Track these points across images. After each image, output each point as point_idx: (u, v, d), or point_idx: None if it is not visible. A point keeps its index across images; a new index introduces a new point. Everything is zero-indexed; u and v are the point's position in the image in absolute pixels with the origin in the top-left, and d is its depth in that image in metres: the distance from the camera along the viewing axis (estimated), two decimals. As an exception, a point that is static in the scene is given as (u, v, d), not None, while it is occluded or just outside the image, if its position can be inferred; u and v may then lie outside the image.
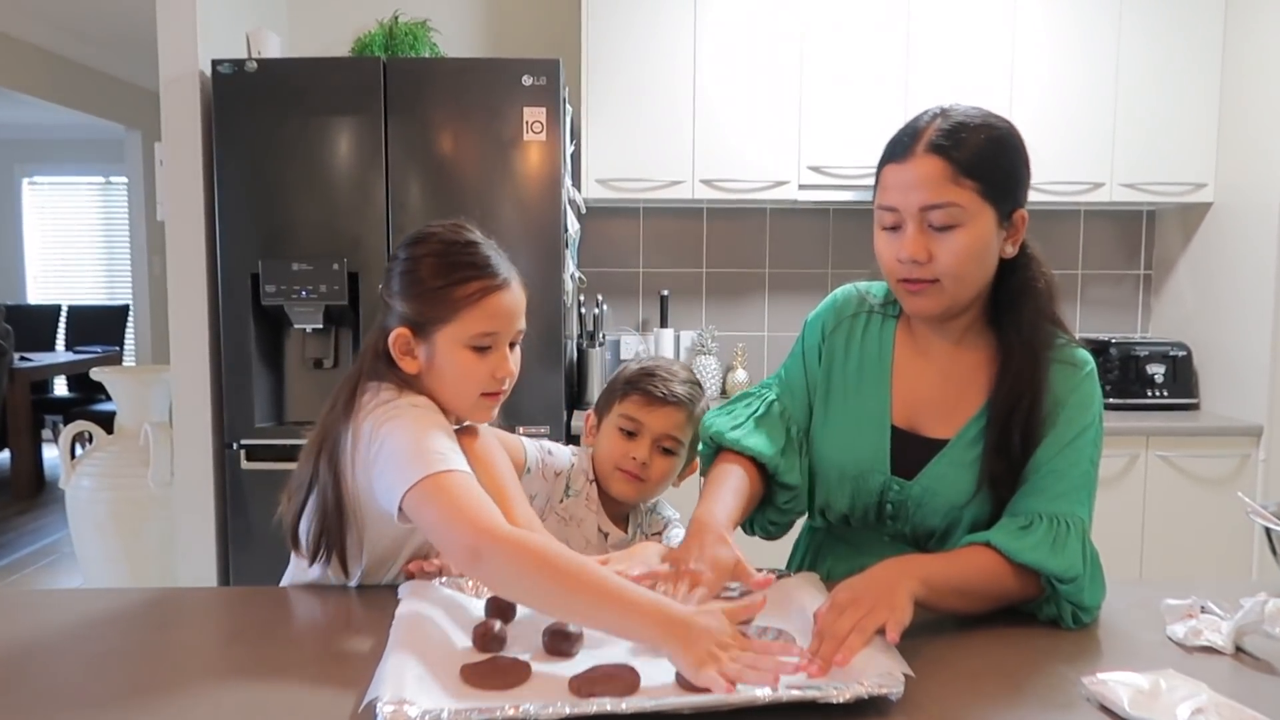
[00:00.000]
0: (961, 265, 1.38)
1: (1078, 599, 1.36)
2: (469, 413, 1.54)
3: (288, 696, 1.13)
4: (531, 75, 3.02)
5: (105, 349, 7.51)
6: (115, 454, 4.06)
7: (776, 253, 3.96)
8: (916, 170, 1.36)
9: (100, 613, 1.44)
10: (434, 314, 1.46)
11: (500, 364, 1.49)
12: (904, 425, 1.53)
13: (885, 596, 1.20)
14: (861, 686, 1.03)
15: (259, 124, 3.04)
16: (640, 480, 1.72)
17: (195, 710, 1.09)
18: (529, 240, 3.06)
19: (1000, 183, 1.38)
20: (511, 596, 1.26)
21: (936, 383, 1.52)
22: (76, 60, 6.55)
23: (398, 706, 0.99)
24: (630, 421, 1.73)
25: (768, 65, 3.48)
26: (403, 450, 1.35)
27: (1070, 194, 3.56)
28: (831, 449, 1.58)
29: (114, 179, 8.79)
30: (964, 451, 1.47)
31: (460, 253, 1.48)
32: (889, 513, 1.55)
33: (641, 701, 1.02)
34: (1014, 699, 1.13)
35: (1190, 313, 3.78)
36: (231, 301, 3.09)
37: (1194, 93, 3.55)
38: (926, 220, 1.37)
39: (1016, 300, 1.46)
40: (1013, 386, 1.43)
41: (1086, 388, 1.46)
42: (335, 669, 1.18)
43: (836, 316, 1.62)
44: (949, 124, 1.38)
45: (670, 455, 1.74)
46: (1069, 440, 1.42)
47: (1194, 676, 1.10)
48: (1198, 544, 3.38)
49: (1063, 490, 1.40)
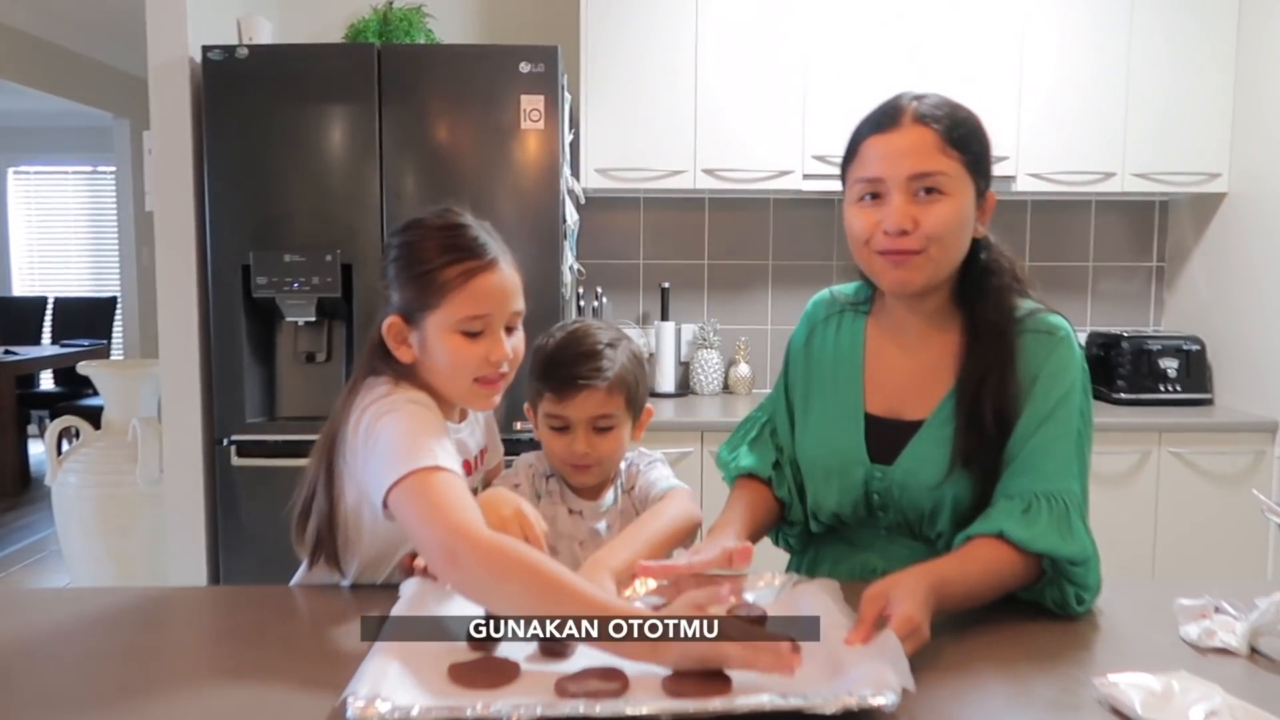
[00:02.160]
0: (949, 231, 1.42)
1: (1084, 580, 1.37)
2: (466, 401, 1.54)
3: (278, 698, 1.13)
4: (529, 62, 3.01)
5: (92, 342, 7.51)
6: (103, 450, 4.06)
7: (780, 244, 3.95)
8: (906, 138, 1.42)
9: (87, 612, 1.44)
10: (422, 300, 1.46)
11: (494, 347, 1.47)
12: (881, 412, 1.58)
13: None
14: (851, 698, 1.01)
15: (250, 112, 3.04)
16: (590, 466, 1.69)
17: (183, 713, 1.09)
18: (527, 231, 3.05)
19: (980, 158, 1.45)
20: (487, 603, 1.22)
21: (909, 366, 1.57)
22: (63, 46, 6.54)
23: (369, 702, 1.00)
24: (554, 418, 1.68)
25: (771, 51, 3.47)
26: (393, 445, 1.35)
27: (1081, 184, 3.56)
28: (811, 447, 1.64)
29: (101, 168, 8.77)
30: (939, 429, 1.50)
31: (445, 236, 1.48)
32: (877, 503, 1.57)
33: (617, 705, 1.02)
34: (1022, 701, 1.13)
35: (1204, 306, 3.78)
36: (222, 294, 3.08)
37: (1208, 80, 3.54)
38: (912, 189, 1.41)
39: (982, 277, 1.51)
40: (979, 360, 1.47)
41: (1061, 353, 1.47)
42: (328, 669, 1.18)
43: (809, 326, 1.72)
44: (931, 100, 1.46)
45: (609, 431, 1.68)
46: (1049, 411, 1.44)
47: (1207, 678, 1.10)
48: (1211, 543, 3.37)
49: (1053, 467, 1.42)
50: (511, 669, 1.15)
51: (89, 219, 9.02)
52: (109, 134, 7.74)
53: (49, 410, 6.88)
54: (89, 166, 8.93)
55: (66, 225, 9.05)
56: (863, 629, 1.17)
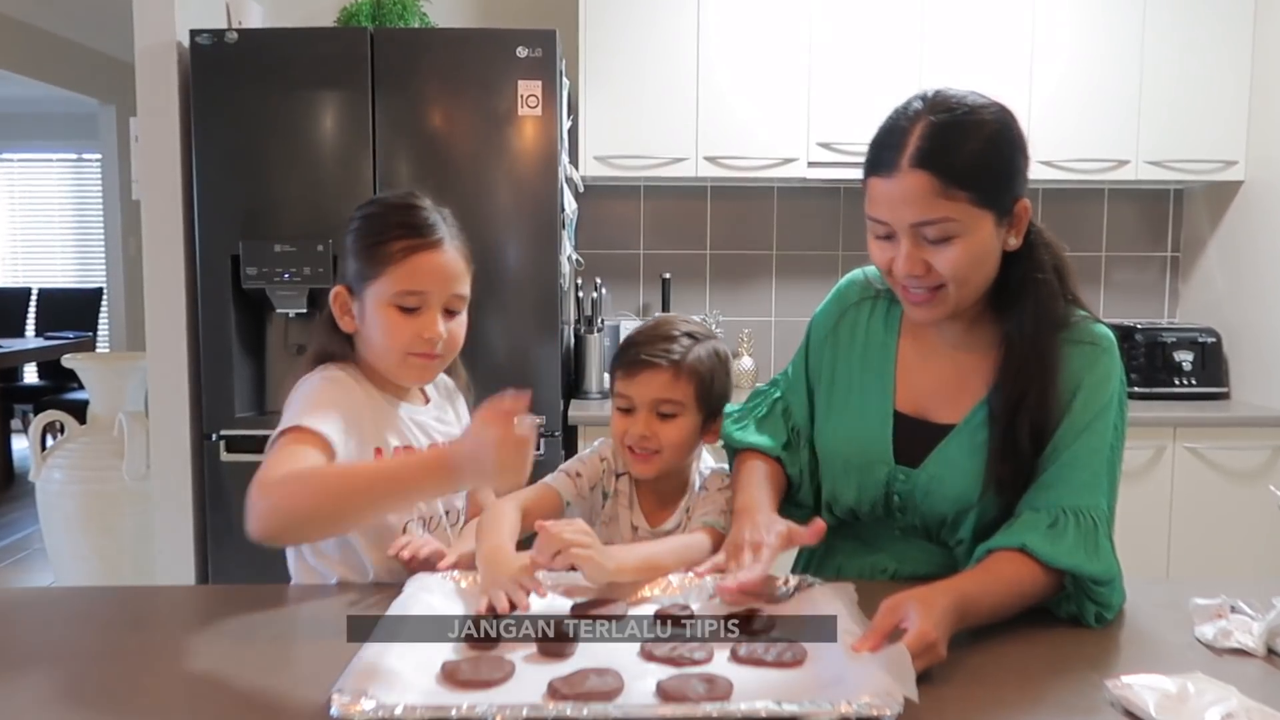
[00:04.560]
0: (961, 273, 1.39)
1: (1107, 600, 1.37)
2: (397, 374, 1.62)
3: (267, 699, 1.13)
4: (526, 47, 3.01)
5: (78, 335, 7.50)
6: (88, 445, 4.06)
7: (784, 234, 3.95)
8: (902, 186, 1.35)
9: (72, 612, 1.45)
10: (365, 270, 1.56)
11: (427, 325, 1.55)
12: (910, 411, 1.56)
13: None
14: (849, 707, 1.00)
15: (239, 98, 3.03)
16: (651, 454, 1.69)
17: (170, 715, 1.09)
18: (524, 220, 3.05)
19: (995, 185, 1.37)
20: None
21: (944, 367, 1.55)
22: (47, 30, 6.53)
23: (354, 699, 1.00)
24: (621, 398, 1.71)
25: (775, 35, 3.46)
26: (286, 413, 1.50)
27: (1093, 172, 3.55)
28: (835, 439, 1.62)
29: (87, 155, 8.77)
30: (971, 436, 1.49)
31: (398, 213, 1.58)
32: (897, 504, 1.56)
33: (604, 708, 1.02)
34: (1034, 704, 1.13)
35: (1220, 297, 3.77)
36: (211, 285, 3.08)
37: (1224, 64, 3.53)
38: (920, 234, 1.37)
39: (1019, 295, 1.46)
40: (1015, 384, 1.43)
41: (1104, 365, 1.46)
42: (318, 669, 1.17)
43: (840, 307, 1.67)
44: (934, 127, 1.35)
45: (672, 419, 1.68)
46: (1086, 424, 1.43)
47: (1223, 680, 1.10)
48: (1227, 540, 3.38)
49: (1084, 480, 1.41)
50: (506, 668, 1.16)
51: (74, 208, 9.02)
52: (94, 121, 7.73)
53: (33, 404, 6.86)
54: (74, 154, 8.93)
55: (51, 214, 9.06)
56: (873, 638, 1.15)
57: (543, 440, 3.05)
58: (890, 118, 1.42)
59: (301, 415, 1.46)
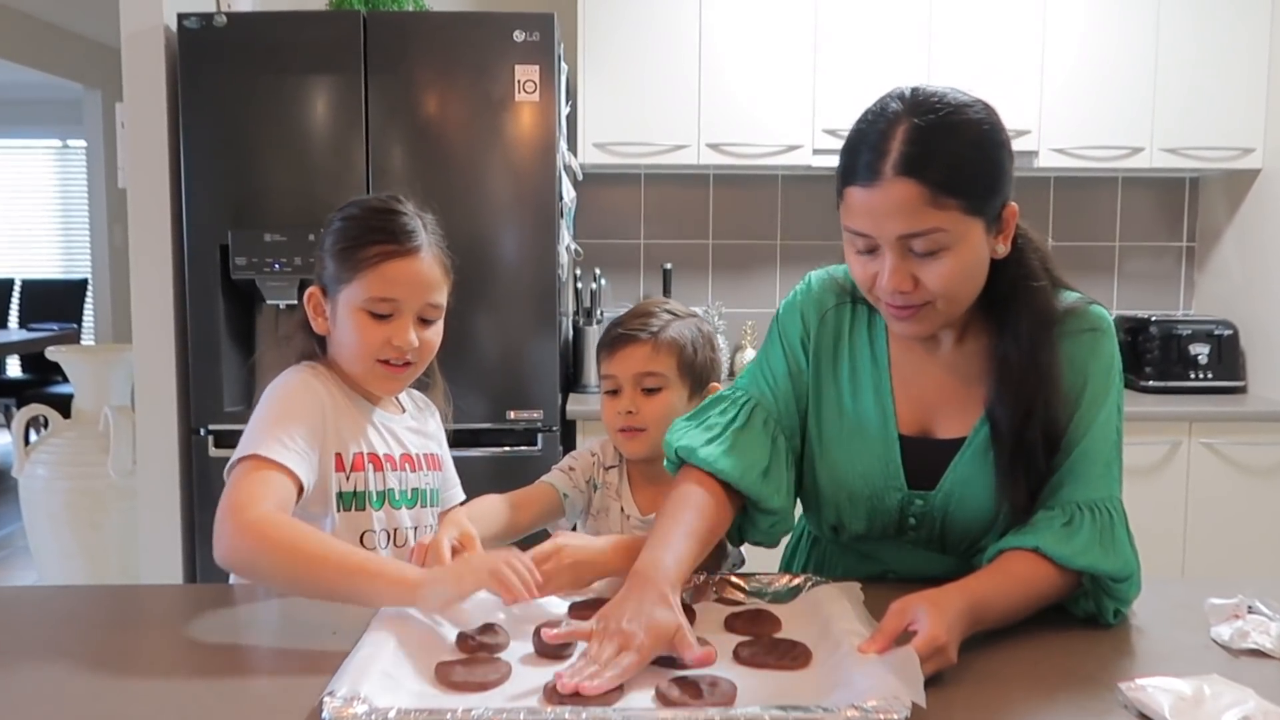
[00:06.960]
0: (952, 287, 1.32)
1: (1125, 596, 1.36)
2: (367, 381, 1.63)
3: (255, 700, 1.13)
4: (524, 30, 3.00)
5: (62, 326, 7.51)
6: (73, 440, 4.05)
7: (789, 223, 3.95)
8: (887, 196, 1.28)
9: (56, 611, 1.45)
10: (339, 274, 1.57)
11: (398, 332, 1.56)
12: (913, 432, 1.49)
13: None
14: (854, 711, 1.00)
15: (228, 83, 3.02)
16: (637, 431, 1.72)
17: (157, 716, 1.09)
18: (521, 209, 3.05)
19: (984, 190, 1.30)
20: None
21: (941, 378, 1.48)
22: (29, 13, 6.51)
23: (346, 702, 1.00)
24: (607, 379, 1.77)
25: (780, 17, 3.45)
26: (254, 423, 1.50)
27: (1106, 159, 3.55)
28: (836, 470, 1.52)
29: (71, 142, 8.77)
30: (982, 448, 1.44)
31: (376, 218, 1.60)
32: (911, 525, 1.51)
33: (603, 712, 1.02)
34: (1046, 706, 1.13)
35: (1237, 288, 3.77)
36: (198, 275, 3.07)
37: (1241, 48, 3.52)
38: (907, 247, 1.30)
39: (1009, 304, 1.40)
40: (1018, 402, 1.37)
41: (1105, 349, 1.43)
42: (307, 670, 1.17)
43: (818, 308, 1.56)
44: (918, 130, 1.27)
45: (656, 393, 1.72)
46: (1095, 415, 1.40)
47: (1240, 682, 1.10)
48: (1245, 539, 3.38)
49: (1097, 473, 1.39)
50: (502, 669, 1.16)
51: (58, 196, 9.01)
52: (79, 106, 7.71)
53: (16, 398, 6.86)
54: (58, 141, 8.92)
55: (35, 203, 9.05)
56: (881, 639, 1.15)
57: (540, 436, 3.05)
58: (866, 120, 1.35)
59: (266, 436, 1.46)
